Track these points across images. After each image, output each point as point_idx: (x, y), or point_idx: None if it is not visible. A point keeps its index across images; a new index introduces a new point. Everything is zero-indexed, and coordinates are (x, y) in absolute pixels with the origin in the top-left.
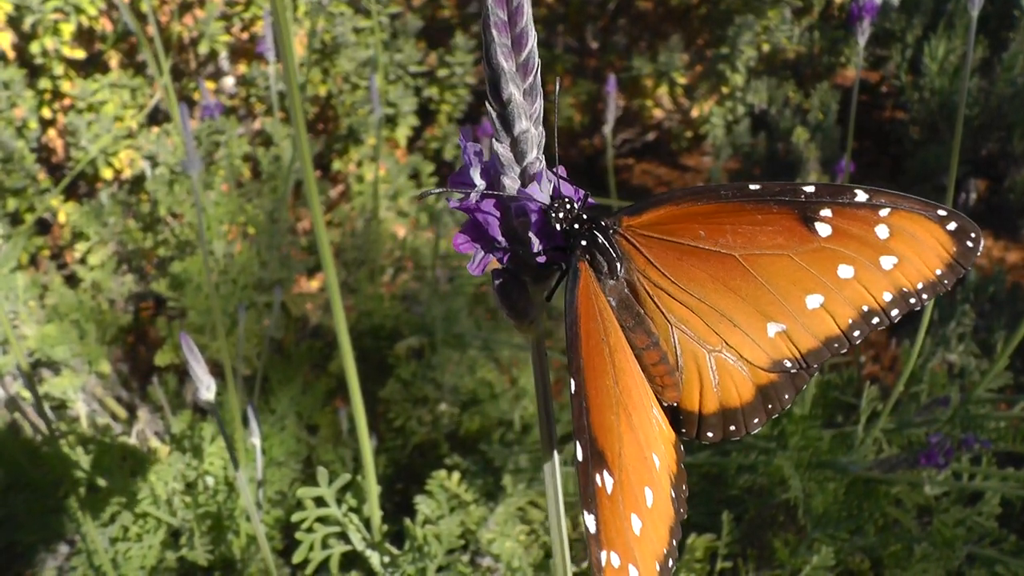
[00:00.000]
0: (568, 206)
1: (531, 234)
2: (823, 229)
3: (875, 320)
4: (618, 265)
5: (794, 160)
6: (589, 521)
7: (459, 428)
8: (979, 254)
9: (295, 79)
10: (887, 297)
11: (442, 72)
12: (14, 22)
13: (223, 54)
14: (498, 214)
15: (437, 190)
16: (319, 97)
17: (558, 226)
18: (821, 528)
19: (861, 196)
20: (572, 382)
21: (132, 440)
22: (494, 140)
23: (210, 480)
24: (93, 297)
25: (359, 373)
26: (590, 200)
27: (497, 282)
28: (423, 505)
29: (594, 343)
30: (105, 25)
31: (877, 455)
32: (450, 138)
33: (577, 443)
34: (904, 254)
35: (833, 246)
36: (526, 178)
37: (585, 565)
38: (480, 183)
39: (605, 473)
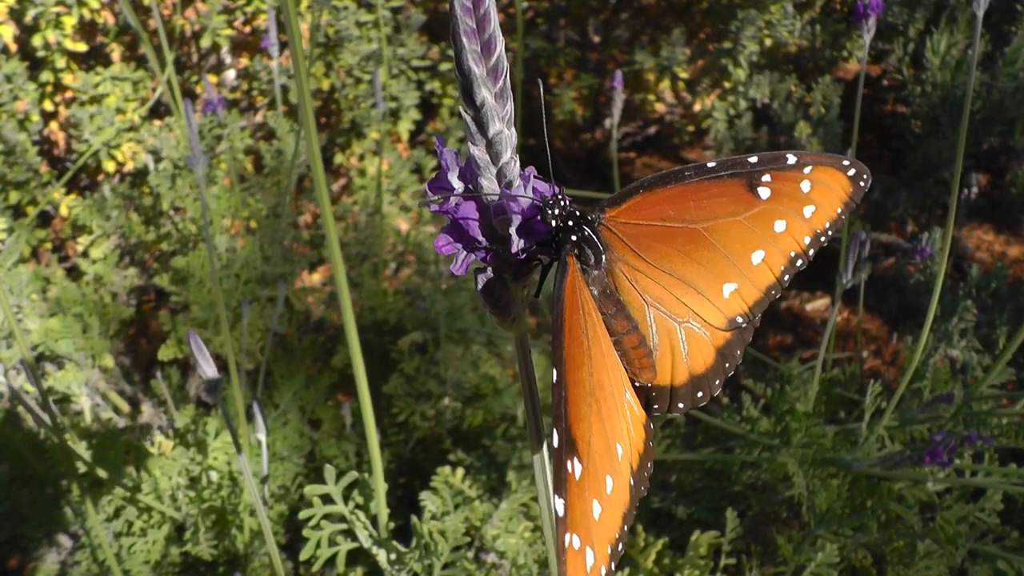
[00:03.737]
0: (562, 203)
1: (511, 231)
2: (764, 192)
3: (799, 262)
4: (603, 256)
5: None
6: (559, 504)
7: (462, 423)
8: (866, 190)
9: (306, 81)
10: (807, 240)
11: (444, 66)
12: (16, 15)
13: (225, 47)
14: (477, 215)
15: (423, 200)
16: (322, 91)
17: (553, 223)
18: (825, 525)
19: (791, 159)
20: (554, 372)
21: (135, 434)
22: (469, 143)
23: (214, 475)
24: (96, 290)
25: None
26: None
27: (479, 281)
28: (428, 502)
29: (575, 336)
30: (107, 18)
31: (879, 451)
32: (452, 132)
33: (554, 430)
34: (819, 202)
35: (771, 205)
36: (502, 178)
37: None
38: (458, 185)
39: (575, 460)
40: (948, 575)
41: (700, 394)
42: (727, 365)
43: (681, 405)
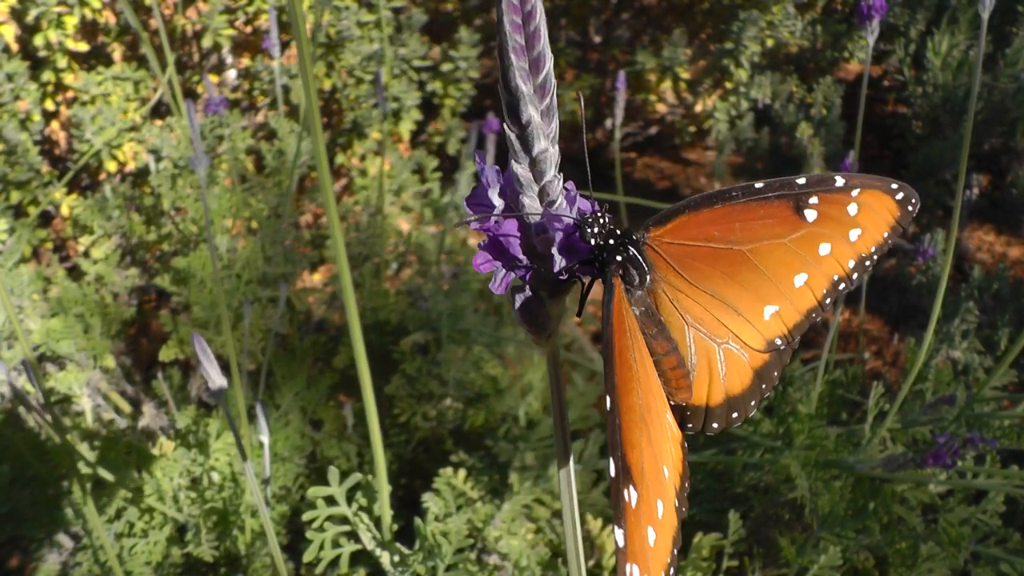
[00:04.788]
0: (601, 221)
1: (553, 251)
2: (810, 215)
3: (842, 286)
4: (647, 276)
5: (797, 155)
6: (619, 535)
7: (464, 424)
8: (915, 215)
9: (312, 83)
10: (851, 264)
11: (446, 66)
12: (18, 14)
13: (226, 47)
14: (519, 234)
15: (461, 221)
16: (323, 91)
17: (592, 241)
18: (827, 527)
19: (840, 181)
20: (607, 399)
21: (137, 435)
22: (513, 161)
23: (215, 476)
24: (97, 291)
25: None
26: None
27: (518, 299)
28: (431, 503)
29: (624, 359)
30: (109, 18)
31: (882, 453)
32: (453, 132)
33: (611, 459)
34: (865, 225)
35: (817, 228)
36: (544, 197)
37: (591, 563)
38: (499, 203)
39: (631, 488)
40: None
41: (735, 415)
42: (763, 387)
43: (716, 425)
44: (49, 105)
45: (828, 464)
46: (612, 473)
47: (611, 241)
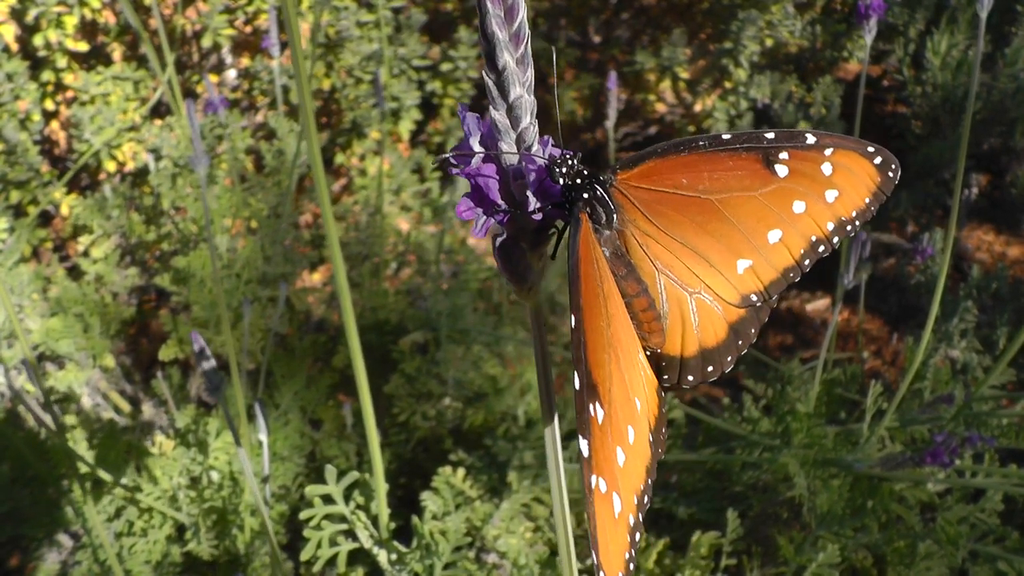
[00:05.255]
0: (570, 163)
1: (528, 193)
2: (781, 170)
3: (821, 248)
4: (614, 216)
5: None
6: (583, 445)
7: (463, 423)
8: (896, 182)
9: (306, 82)
10: (830, 226)
11: (445, 66)
12: (17, 14)
13: (226, 47)
14: (498, 178)
15: (442, 156)
16: (323, 91)
17: (561, 180)
18: (826, 525)
19: (811, 139)
20: (572, 317)
21: (136, 434)
22: (491, 108)
23: (215, 475)
24: (96, 290)
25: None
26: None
27: (497, 244)
28: (429, 502)
29: (591, 286)
30: (108, 17)
31: (880, 451)
32: (453, 132)
33: (575, 373)
34: (843, 187)
35: (789, 184)
36: (521, 143)
37: (589, 562)
38: (479, 150)
39: (597, 405)
40: None
41: (711, 368)
42: (740, 342)
43: (691, 378)
44: (49, 105)
45: (826, 463)
46: (576, 386)
47: (578, 180)
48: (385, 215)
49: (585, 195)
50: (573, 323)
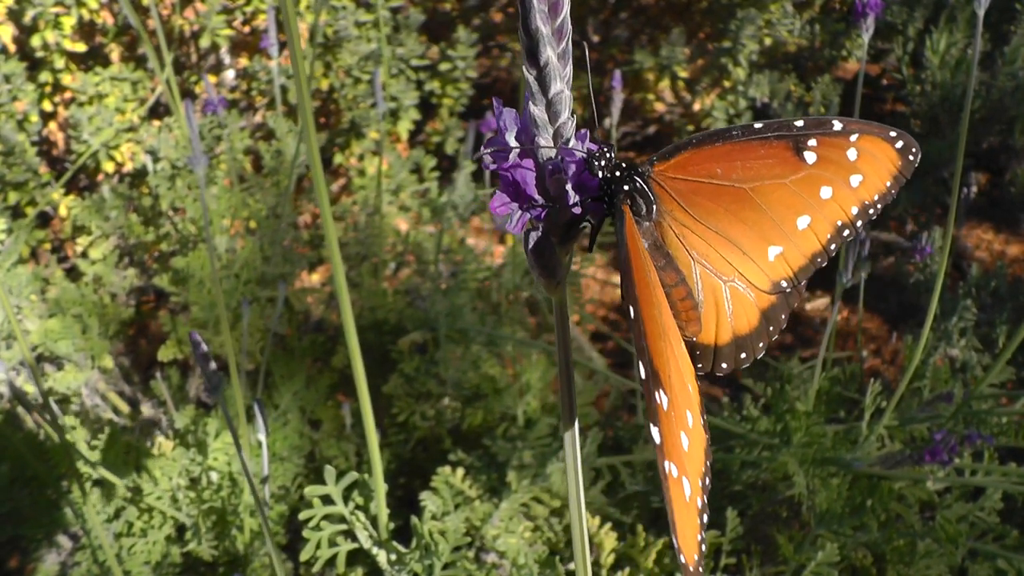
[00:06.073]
0: (608, 155)
1: (567, 187)
2: (810, 157)
3: (846, 232)
4: (654, 207)
5: None
6: (654, 432)
7: (462, 423)
8: (916, 165)
9: (305, 82)
10: (854, 211)
11: (444, 66)
12: (15, 15)
13: (224, 47)
14: (535, 172)
15: (479, 155)
16: (321, 91)
17: (600, 173)
18: (825, 524)
19: (838, 125)
20: (631, 310)
21: (136, 435)
22: (529, 103)
23: (214, 475)
24: (95, 291)
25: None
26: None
27: (531, 240)
28: (429, 502)
29: (641, 277)
30: (106, 18)
31: (880, 450)
32: (451, 132)
33: (640, 363)
34: (866, 172)
35: (817, 171)
36: (559, 138)
37: (590, 561)
38: (515, 145)
39: (661, 392)
40: (948, 574)
41: (744, 355)
42: (771, 328)
43: (724, 365)
44: (47, 106)
45: (826, 461)
46: (643, 376)
47: (617, 173)
48: (384, 215)
49: (625, 187)
50: (632, 314)
